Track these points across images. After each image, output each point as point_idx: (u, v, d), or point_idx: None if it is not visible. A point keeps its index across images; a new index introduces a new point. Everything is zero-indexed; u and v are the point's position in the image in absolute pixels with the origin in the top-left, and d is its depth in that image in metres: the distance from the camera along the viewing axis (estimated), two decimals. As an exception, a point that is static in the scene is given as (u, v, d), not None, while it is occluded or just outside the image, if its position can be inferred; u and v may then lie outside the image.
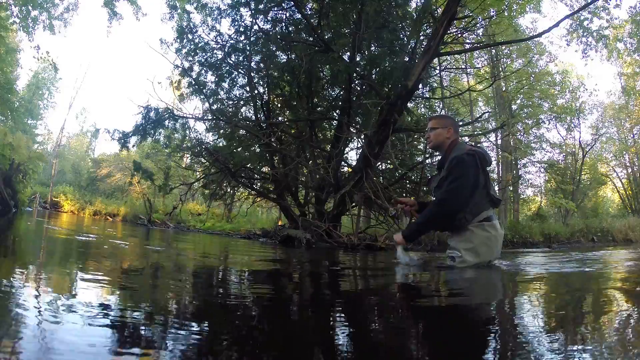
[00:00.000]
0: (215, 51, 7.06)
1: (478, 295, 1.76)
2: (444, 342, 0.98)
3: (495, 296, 1.74)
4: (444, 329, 1.12)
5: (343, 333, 1.06)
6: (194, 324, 1.06)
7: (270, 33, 6.71)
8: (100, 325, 0.94)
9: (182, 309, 1.26)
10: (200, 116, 7.20)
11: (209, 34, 7.00)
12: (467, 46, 7.88)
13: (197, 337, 0.94)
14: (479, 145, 3.05)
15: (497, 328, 1.13)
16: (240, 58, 7.04)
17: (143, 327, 0.99)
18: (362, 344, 0.96)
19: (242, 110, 7.87)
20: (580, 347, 0.91)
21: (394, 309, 1.45)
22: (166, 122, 6.82)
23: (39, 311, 1.02)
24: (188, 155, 9.64)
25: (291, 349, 0.89)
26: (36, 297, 1.20)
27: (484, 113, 14.31)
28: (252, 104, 7.40)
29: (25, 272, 1.68)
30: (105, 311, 1.09)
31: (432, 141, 2.46)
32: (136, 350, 0.82)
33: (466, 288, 1.92)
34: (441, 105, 8.56)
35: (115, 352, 0.78)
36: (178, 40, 6.95)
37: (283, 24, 7.02)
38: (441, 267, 2.42)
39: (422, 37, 6.52)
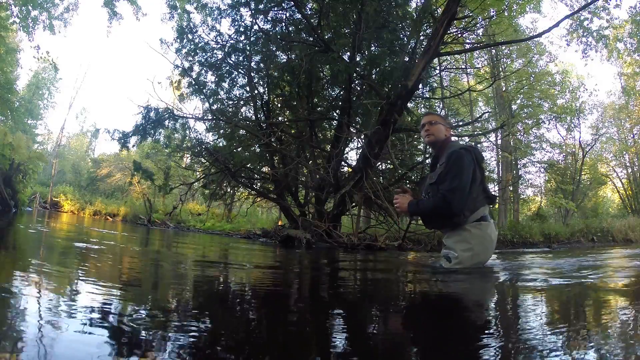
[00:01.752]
0: (215, 51, 7.07)
1: (475, 298, 1.76)
2: (439, 345, 0.98)
3: (492, 300, 1.74)
4: (439, 332, 1.12)
5: (341, 335, 1.06)
6: (193, 325, 1.06)
7: (270, 33, 6.71)
8: (100, 328, 0.94)
9: (182, 311, 1.26)
10: (200, 116, 7.20)
11: (209, 34, 7.01)
12: (467, 46, 7.88)
13: (197, 338, 0.94)
14: (472, 144, 3.00)
15: (493, 333, 1.13)
16: (240, 58, 7.04)
17: (143, 329, 0.99)
18: (360, 345, 0.96)
19: (242, 110, 7.88)
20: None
21: (393, 310, 1.45)
22: (166, 122, 6.82)
23: (39, 314, 1.02)
24: (188, 155, 9.64)
25: (290, 349, 0.89)
26: (37, 300, 1.20)
27: (484, 113, 14.31)
28: (252, 104, 7.40)
29: (26, 274, 1.68)
30: (105, 314, 1.09)
31: (432, 134, 2.38)
32: (136, 351, 0.82)
33: (464, 290, 1.91)
34: (441, 105, 8.56)
35: (115, 353, 0.78)
36: (178, 40, 6.95)
37: (283, 24, 7.03)
38: (436, 269, 2.38)
39: (422, 37, 6.52)
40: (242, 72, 7.14)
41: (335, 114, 7.19)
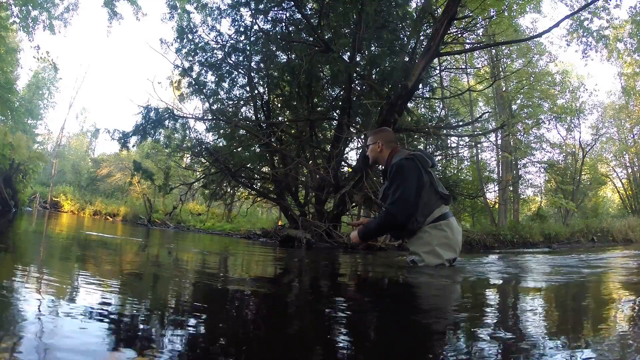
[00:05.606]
0: (215, 51, 7.07)
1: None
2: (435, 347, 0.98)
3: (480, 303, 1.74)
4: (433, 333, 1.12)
5: (340, 336, 1.06)
6: (193, 324, 1.06)
7: (270, 33, 6.71)
8: (99, 326, 0.94)
9: (182, 311, 1.26)
10: (200, 116, 7.21)
11: (209, 34, 7.02)
12: (467, 46, 7.89)
13: (197, 337, 0.94)
14: (417, 151, 2.89)
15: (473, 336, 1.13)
16: (240, 58, 7.05)
17: (142, 328, 0.99)
18: (358, 346, 0.96)
19: (242, 110, 7.88)
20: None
21: (390, 312, 1.45)
22: (166, 122, 6.82)
23: (39, 312, 1.02)
24: (188, 155, 9.65)
25: (289, 350, 0.89)
26: (37, 298, 1.20)
27: (484, 113, 14.29)
28: (252, 104, 7.40)
29: (26, 272, 1.68)
30: (105, 312, 1.09)
31: (369, 157, 2.53)
32: (135, 350, 0.82)
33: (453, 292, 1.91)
34: (441, 105, 8.56)
35: (114, 352, 0.78)
36: (178, 40, 6.95)
37: (283, 24, 7.03)
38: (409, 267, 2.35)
39: (422, 37, 6.52)
40: (242, 72, 7.14)
41: (335, 114, 7.19)
